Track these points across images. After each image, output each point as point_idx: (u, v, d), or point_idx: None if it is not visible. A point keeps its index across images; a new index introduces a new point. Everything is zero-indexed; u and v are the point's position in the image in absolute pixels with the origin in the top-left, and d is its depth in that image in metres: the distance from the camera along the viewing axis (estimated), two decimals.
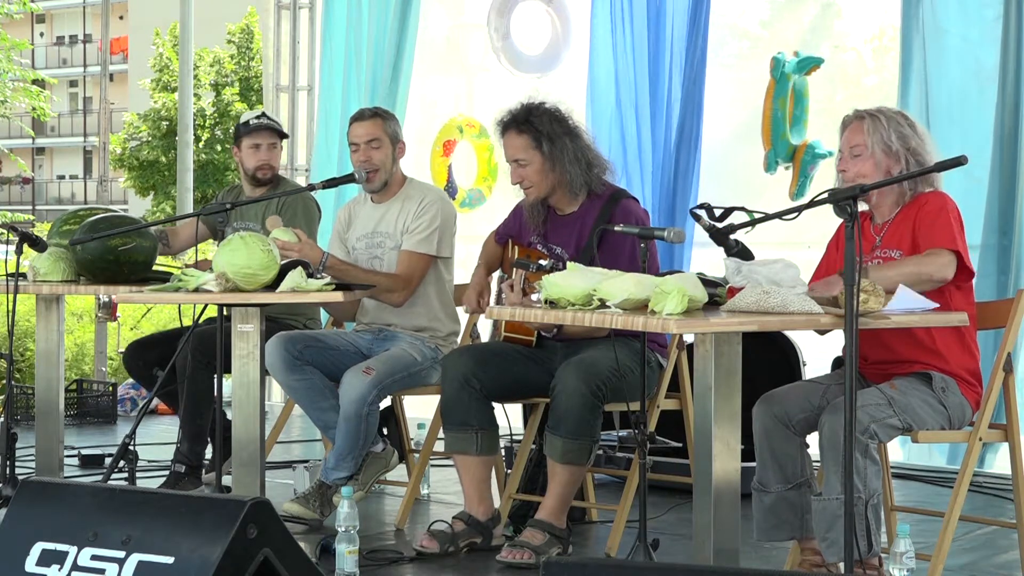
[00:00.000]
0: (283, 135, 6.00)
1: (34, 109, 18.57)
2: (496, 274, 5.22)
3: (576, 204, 4.96)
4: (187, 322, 5.21)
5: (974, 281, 4.36)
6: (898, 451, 6.38)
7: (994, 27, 6.21)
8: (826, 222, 4.39)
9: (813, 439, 4.26)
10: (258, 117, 5.97)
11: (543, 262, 4.78)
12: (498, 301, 5.06)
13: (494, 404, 4.97)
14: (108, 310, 8.95)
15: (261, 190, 5.91)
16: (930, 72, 6.36)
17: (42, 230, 9.55)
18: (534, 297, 4.35)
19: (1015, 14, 6.14)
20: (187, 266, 5.70)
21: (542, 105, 4.94)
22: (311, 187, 5.38)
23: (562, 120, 4.93)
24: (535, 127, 4.88)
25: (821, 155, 6.70)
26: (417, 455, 5.71)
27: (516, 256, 5.01)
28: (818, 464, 4.20)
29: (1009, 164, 6.17)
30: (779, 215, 3.96)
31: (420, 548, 4.81)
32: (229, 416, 4.88)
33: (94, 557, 3.47)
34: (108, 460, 6.47)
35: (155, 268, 5.53)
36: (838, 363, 4.50)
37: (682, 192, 6.89)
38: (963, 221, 4.26)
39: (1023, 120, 6.14)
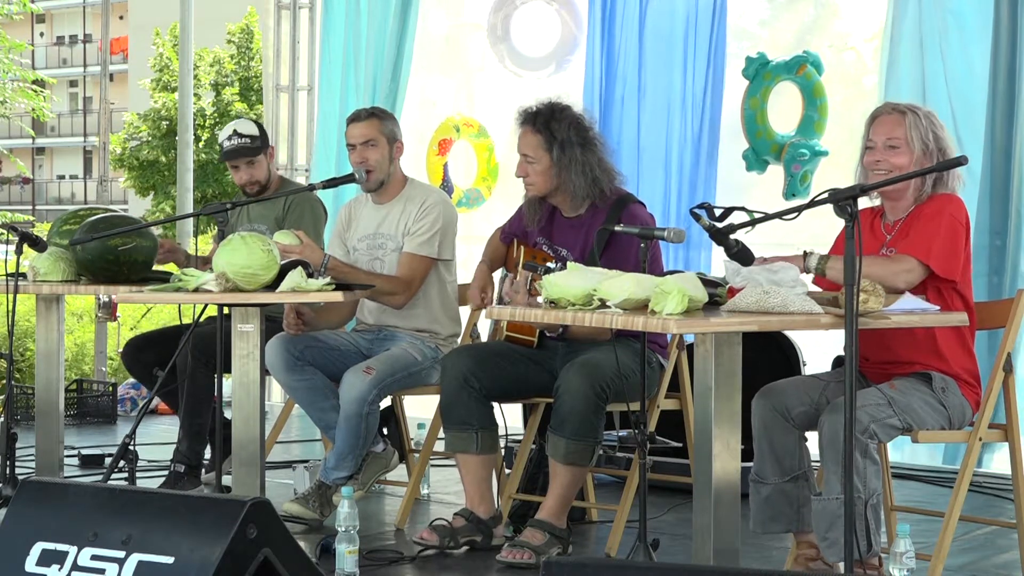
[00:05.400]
0: (257, 150, 5.80)
1: (33, 109, 18.55)
2: (498, 273, 5.22)
3: (580, 208, 4.96)
4: (187, 322, 5.21)
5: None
6: (898, 451, 6.38)
7: (986, 29, 6.21)
8: (817, 223, 4.38)
9: (811, 435, 4.26)
10: (230, 138, 5.79)
11: (551, 265, 4.79)
12: (500, 301, 5.06)
13: (493, 404, 4.97)
14: (108, 310, 8.95)
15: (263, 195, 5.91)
16: (927, 73, 6.36)
17: (42, 230, 9.56)
18: (539, 299, 4.35)
19: (1007, 16, 6.15)
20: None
21: (567, 110, 4.93)
22: (311, 187, 5.39)
23: (582, 129, 4.92)
24: (551, 130, 4.88)
25: (802, 153, 6.73)
26: (417, 455, 5.71)
27: (522, 256, 5.01)
28: (818, 463, 4.20)
29: (1002, 165, 6.17)
30: (779, 215, 3.96)
31: (420, 540, 4.82)
32: (229, 416, 4.88)
33: (94, 557, 3.47)
34: (108, 460, 6.47)
35: (155, 268, 5.53)
36: (838, 362, 4.50)
37: (704, 197, 6.91)
38: (968, 225, 4.26)
39: (1016, 121, 6.15)
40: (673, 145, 7.10)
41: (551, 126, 4.89)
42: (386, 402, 5.50)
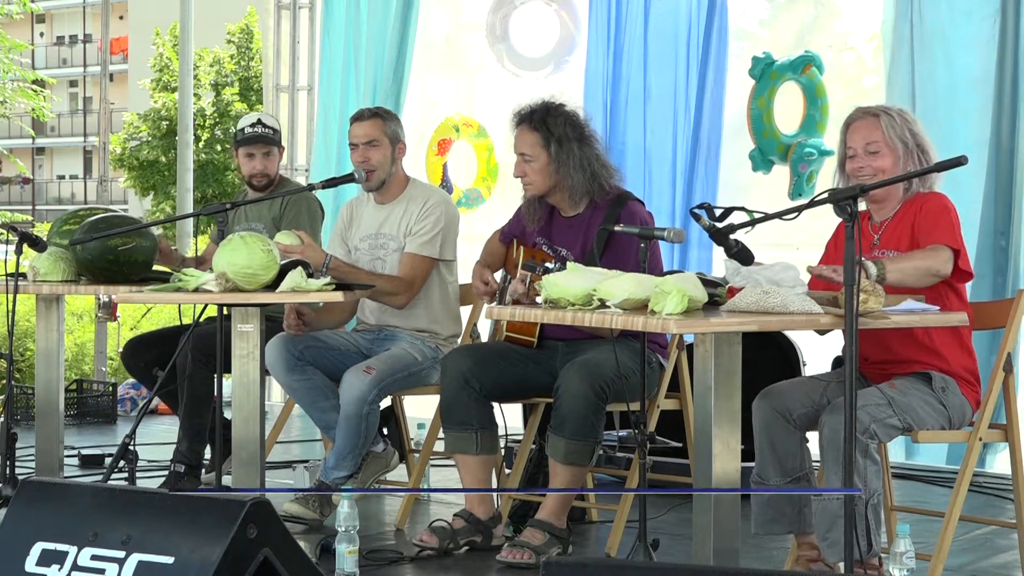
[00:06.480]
0: (277, 142, 5.90)
1: (33, 109, 18.55)
2: (498, 274, 5.21)
3: (579, 208, 4.96)
4: (187, 322, 5.21)
5: (970, 282, 4.36)
6: (898, 451, 6.38)
7: (986, 30, 6.20)
8: (816, 224, 4.38)
9: (812, 436, 4.26)
10: (253, 125, 5.87)
11: (549, 264, 4.79)
12: (500, 301, 5.06)
13: (493, 404, 4.97)
14: (108, 310, 8.95)
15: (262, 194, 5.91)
16: (918, 74, 6.36)
17: (42, 230, 9.56)
18: (539, 299, 4.35)
19: (1012, 17, 6.14)
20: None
21: (561, 107, 4.95)
22: (311, 187, 5.38)
23: (577, 125, 4.93)
24: (548, 127, 4.89)
25: (809, 152, 6.73)
26: (417, 455, 5.71)
27: (522, 256, 5.01)
28: (818, 463, 4.20)
29: (1006, 166, 6.16)
30: (779, 215, 3.96)
31: (419, 543, 4.81)
32: (228, 416, 4.88)
33: (94, 557, 3.47)
34: (108, 460, 6.47)
35: (155, 268, 5.53)
36: (838, 362, 4.51)
37: (705, 197, 6.91)
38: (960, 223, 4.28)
39: (1019, 122, 6.14)
40: (678, 145, 7.10)
41: (547, 123, 4.90)
42: (386, 402, 5.50)
